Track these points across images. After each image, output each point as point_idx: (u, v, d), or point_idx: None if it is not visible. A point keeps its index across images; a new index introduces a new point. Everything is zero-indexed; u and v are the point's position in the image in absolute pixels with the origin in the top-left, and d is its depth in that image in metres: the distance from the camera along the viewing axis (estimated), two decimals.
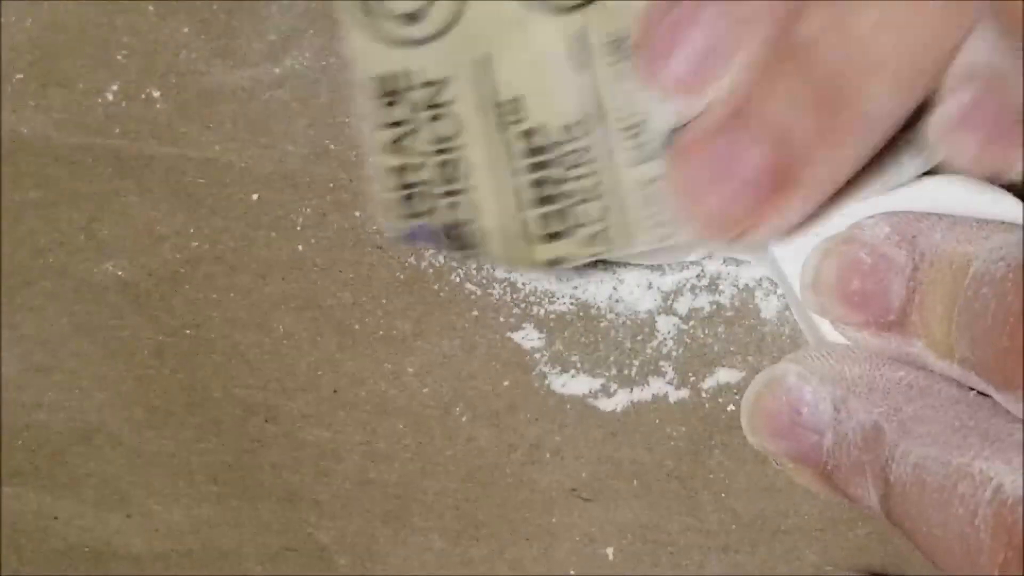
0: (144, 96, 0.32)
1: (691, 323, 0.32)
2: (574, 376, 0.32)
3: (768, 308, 0.32)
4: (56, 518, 0.34)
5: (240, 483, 0.33)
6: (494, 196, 0.28)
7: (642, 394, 0.32)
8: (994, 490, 0.23)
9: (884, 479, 0.26)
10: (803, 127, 0.25)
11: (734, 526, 0.32)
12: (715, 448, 0.32)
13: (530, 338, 0.32)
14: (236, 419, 0.33)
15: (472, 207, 0.28)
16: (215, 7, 0.32)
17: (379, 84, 0.28)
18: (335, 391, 0.33)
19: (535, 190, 0.28)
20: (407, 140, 0.28)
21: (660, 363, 0.32)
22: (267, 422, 0.33)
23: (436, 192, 0.28)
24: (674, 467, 0.33)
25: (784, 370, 0.29)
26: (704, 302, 0.32)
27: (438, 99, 0.28)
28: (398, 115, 0.28)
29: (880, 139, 0.26)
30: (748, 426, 0.29)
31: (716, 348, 0.32)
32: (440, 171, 0.28)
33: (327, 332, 0.33)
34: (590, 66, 0.28)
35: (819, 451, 0.28)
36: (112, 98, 0.32)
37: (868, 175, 0.28)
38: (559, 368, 0.32)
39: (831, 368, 0.28)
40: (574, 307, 0.32)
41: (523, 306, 0.32)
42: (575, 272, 0.32)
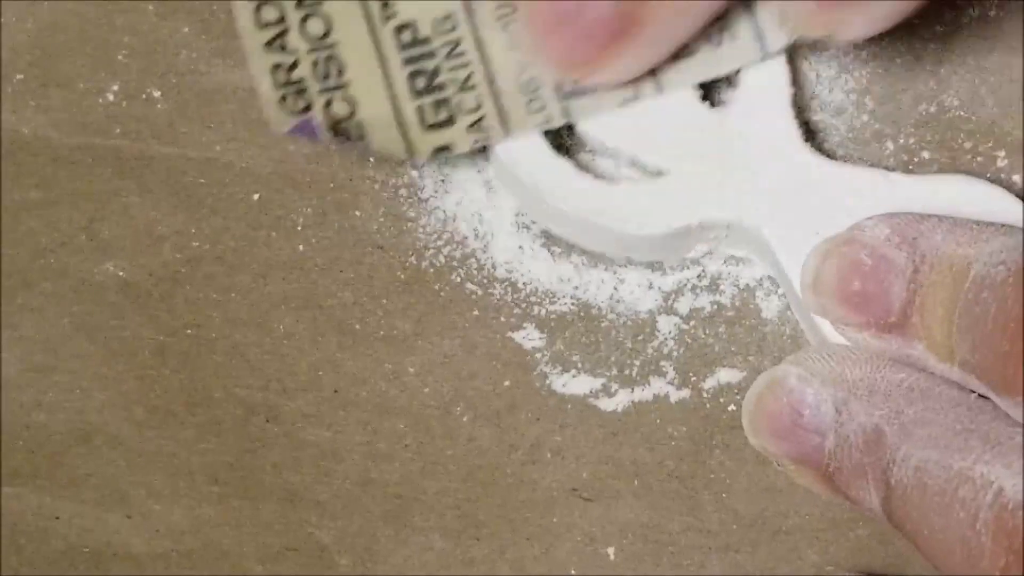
0: (144, 96, 0.32)
1: (692, 323, 0.32)
2: (575, 376, 0.32)
3: (769, 308, 0.32)
4: (56, 518, 0.34)
5: (241, 483, 0.33)
6: (373, 90, 0.29)
7: (643, 394, 0.32)
8: (995, 494, 0.23)
9: (885, 482, 0.26)
10: None
11: (735, 526, 0.33)
12: (716, 448, 0.32)
13: (531, 338, 0.32)
14: (237, 419, 0.33)
15: (351, 101, 0.29)
16: (215, 7, 0.32)
17: None
18: (336, 391, 0.33)
19: (413, 82, 0.29)
20: (282, 39, 0.29)
21: (661, 363, 0.32)
22: (268, 422, 0.33)
23: (314, 88, 0.29)
24: (675, 467, 0.33)
25: (785, 372, 0.29)
26: (705, 302, 0.32)
27: (313, 0, 0.29)
28: (272, 15, 0.29)
29: None
30: (749, 427, 0.29)
31: (717, 348, 0.32)
32: (315, 68, 0.29)
33: (328, 332, 0.33)
34: None
35: (820, 453, 0.28)
36: (112, 98, 0.32)
37: (732, 44, 0.29)
38: (560, 368, 0.32)
39: (832, 370, 0.28)
40: (575, 307, 0.32)
41: (524, 306, 0.32)
42: (576, 273, 0.32)
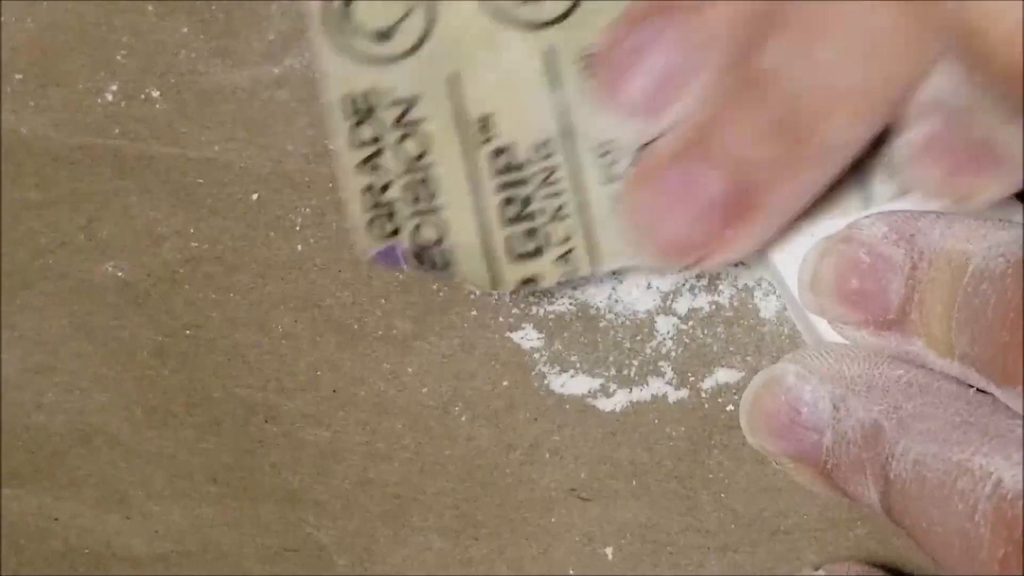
0: (144, 96, 0.32)
1: (690, 323, 0.32)
2: (573, 376, 0.32)
3: (767, 308, 0.32)
4: (56, 519, 0.34)
5: (240, 483, 0.33)
6: (463, 215, 0.28)
7: (641, 394, 0.32)
8: (994, 485, 0.23)
9: (884, 477, 0.26)
10: (762, 156, 0.25)
11: (733, 526, 0.33)
12: (714, 448, 0.32)
13: (529, 338, 0.32)
14: (236, 419, 0.33)
15: (441, 226, 0.28)
16: (215, 7, 0.32)
17: (349, 103, 0.28)
18: (334, 391, 0.33)
19: (504, 209, 0.28)
20: (377, 159, 0.28)
21: (659, 363, 0.32)
22: (267, 422, 0.33)
23: (405, 212, 0.28)
24: (673, 467, 0.33)
25: (783, 370, 0.29)
26: (703, 302, 0.32)
27: (408, 118, 0.28)
28: (368, 134, 0.28)
29: (839, 168, 0.26)
30: (747, 426, 0.29)
31: (715, 348, 0.32)
32: (409, 191, 0.28)
33: (327, 332, 0.33)
34: (560, 83, 0.28)
35: (819, 450, 0.28)
36: (112, 98, 0.32)
37: (837, 197, 0.28)
38: (558, 368, 0.32)
39: (830, 367, 0.28)
40: (573, 307, 0.32)
41: (522, 306, 0.32)
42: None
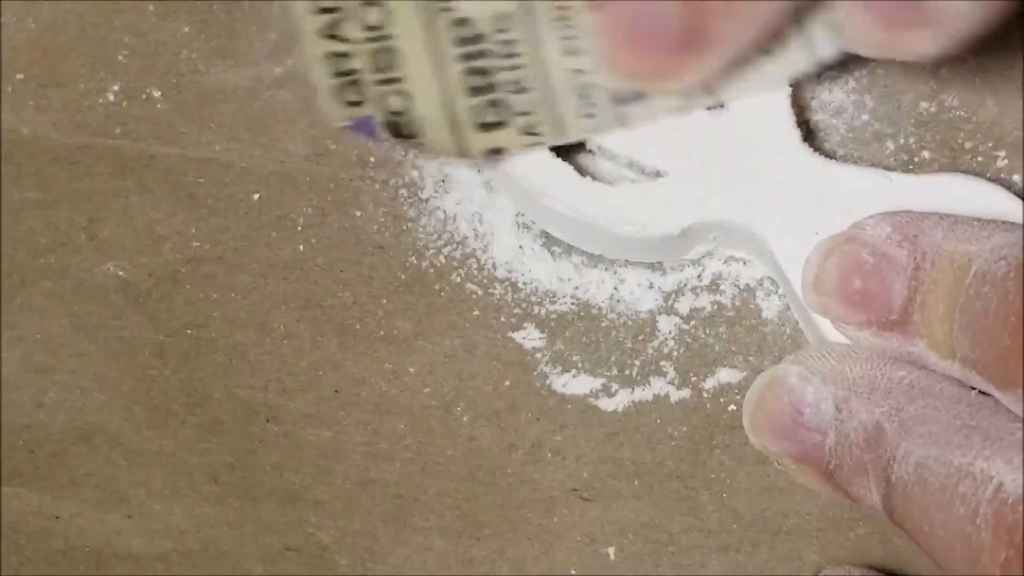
0: (144, 96, 0.32)
1: (692, 323, 0.32)
2: (575, 376, 0.32)
3: (769, 308, 0.32)
4: (56, 518, 0.34)
5: (241, 483, 0.33)
6: (428, 85, 0.28)
7: (643, 394, 0.32)
8: (995, 489, 0.23)
9: (886, 479, 0.26)
10: None
11: (735, 526, 0.32)
12: (716, 448, 0.32)
13: (531, 338, 0.32)
14: (237, 419, 0.33)
15: (406, 96, 0.28)
16: (215, 7, 0.32)
17: None
18: (336, 391, 0.33)
19: (467, 80, 0.28)
20: (338, 27, 0.28)
21: (661, 363, 0.32)
22: (268, 422, 0.33)
23: (369, 80, 0.28)
24: (675, 467, 0.33)
25: (786, 371, 0.29)
26: (705, 302, 0.32)
27: None
28: (328, 2, 0.28)
29: (780, 6, 0.27)
30: (750, 426, 0.29)
31: (717, 348, 0.32)
32: (372, 59, 0.28)
33: (328, 332, 0.33)
34: None
35: (821, 451, 0.28)
36: (112, 98, 0.32)
37: (778, 52, 0.29)
38: (560, 368, 0.32)
39: (832, 368, 0.28)
40: (575, 307, 0.32)
41: (524, 306, 0.32)
42: (576, 273, 0.32)
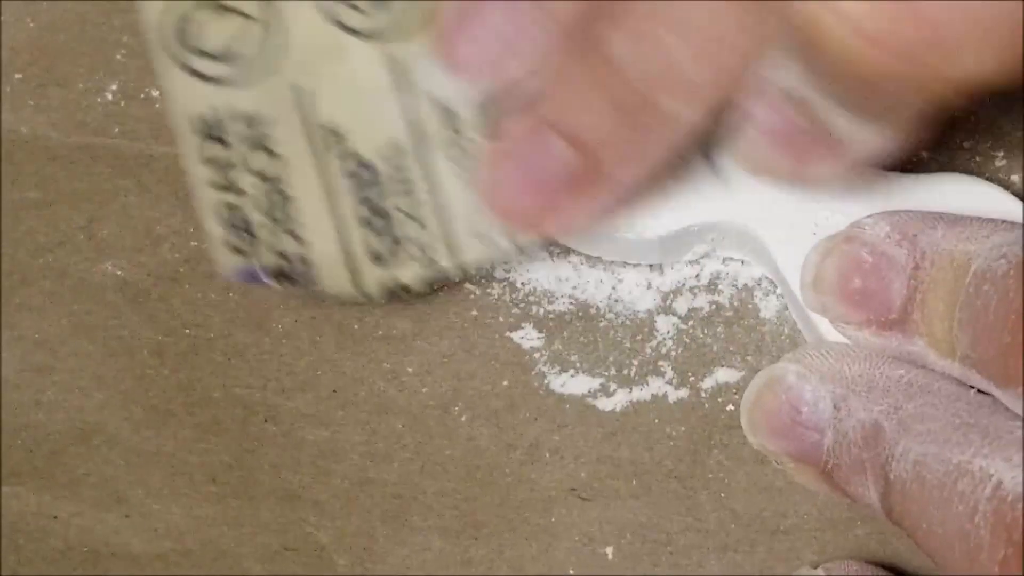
0: (143, 95, 0.32)
1: (690, 323, 0.32)
2: (573, 376, 0.32)
3: (767, 308, 0.32)
4: (55, 518, 0.34)
5: (239, 483, 0.33)
6: (321, 226, 0.28)
7: (641, 394, 0.32)
8: (994, 487, 0.23)
9: (884, 477, 0.26)
10: (604, 131, 0.26)
11: (733, 526, 0.33)
12: (714, 448, 0.32)
13: (529, 338, 0.32)
14: (235, 419, 0.33)
15: (301, 244, 0.28)
16: None
17: (196, 120, 0.27)
18: (334, 391, 0.33)
19: (366, 221, 0.28)
20: (234, 181, 0.28)
21: (659, 363, 0.32)
22: (266, 422, 0.33)
23: (265, 231, 0.28)
24: (673, 467, 0.33)
25: (784, 369, 0.29)
26: (703, 302, 0.32)
27: (264, 139, 0.28)
28: (217, 151, 0.27)
29: (679, 146, 0.27)
30: (748, 425, 0.29)
31: (715, 348, 0.32)
32: (264, 206, 0.28)
33: (326, 332, 0.33)
34: (405, 89, 0.28)
35: (819, 450, 0.28)
36: (111, 97, 0.32)
37: (690, 173, 0.29)
38: (558, 368, 0.32)
39: (831, 367, 0.28)
40: (573, 307, 0.32)
41: (522, 306, 0.32)
42: (574, 273, 0.32)
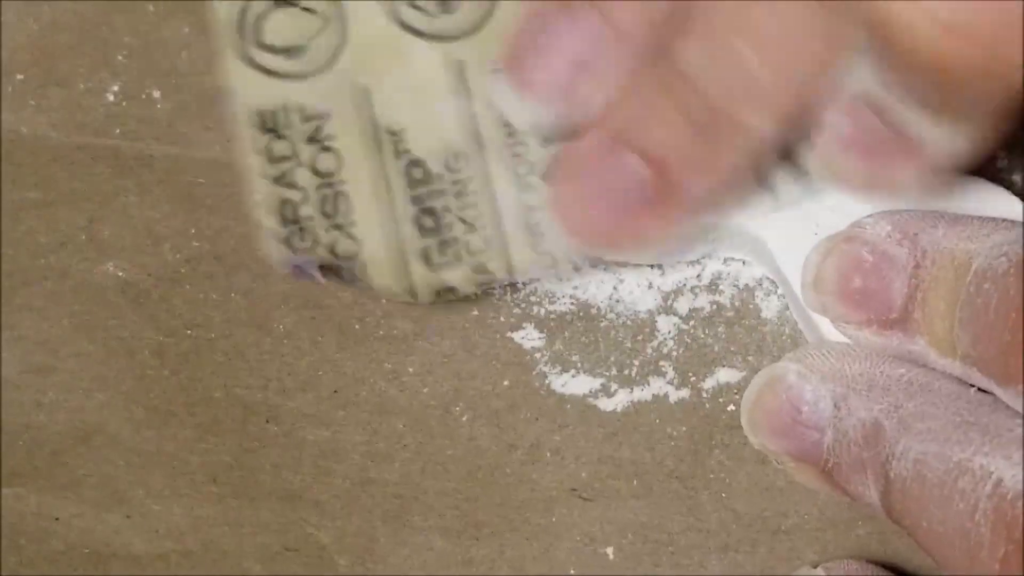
0: (144, 96, 0.32)
1: (691, 323, 0.32)
2: (574, 376, 0.32)
3: (769, 308, 0.32)
4: (56, 518, 0.34)
5: (240, 483, 0.33)
6: (376, 229, 0.28)
7: (642, 394, 0.32)
8: (994, 485, 0.23)
9: (884, 476, 0.26)
10: (683, 152, 0.26)
11: (734, 526, 0.32)
12: (715, 448, 0.32)
13: (530, 338, 0.32)
14: (236, 419, 0.33)
15: (353, 242, 0.28)
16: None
17: (261, 118, 0.28)
18: (335, 391, 0.33)
19: (419, 221, 0.28)
20: (289, 175, 0.28)
21: (660, 363, 0.32)
22: (267, 422, 0.33)
23: (319, 227, 0.28)
24: (674, 467, 0.33)
25: (784, 368, 0.29)
26: (704, 302, 0.32)
27: (319, 134, 0.28)
28: (281, 149, 0.28)
29: (757, 162, 0.27)
30: (748, 425, 0.29)
31: (716, 348, 0.32)
32: (322, 206, 0.28)
33: (327, 332, 0.33)
34: (470, 94, 0.28)
35: (819, 449, 0.28)
36: (112, 98, 0.32)
37: (752, 192, 0.28)
38: (559, 368, 0.32)
39: (831, 366, 0.28)
40: (574, 307, 0.32)
41: (523, 306, 0.32)
42: (576, 276, 0.32)
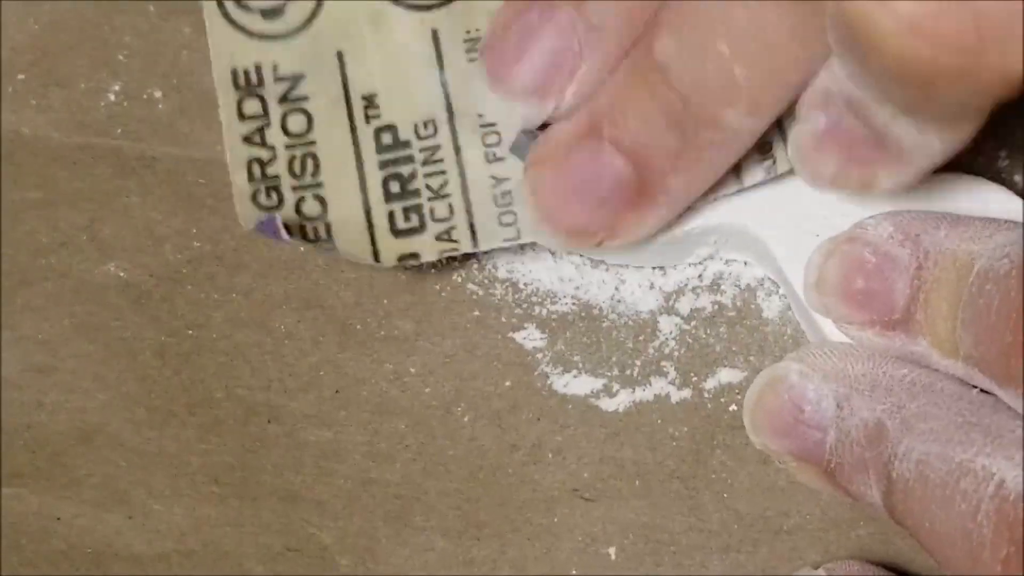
0: (145, 96, 0.32)
1: (693, 323, 0.32)
2: (576, 376, 0.32)
3: (770, 308, 0.32)
4: (57, 518, 0.34)
5: (241, 483, 0.33)
6: (346, 191, 0.28)
7: (644, 394, 0.32)
8: (996, 486, 0.23)
9: (887, 476, 0.26)
10: (659, 146, 0.26)
11: (736, 526, 0.32)
12: (717, 448, 0.32)
13: (532, 338, 0.32)
14: (237, 419, 0.33)
15: (319, 203, 0.28)
16: None
17: (237, 75, 0.28)
18: (337, 391, 0.33)
19: (387, 186, 0.28)
20: (262, 133, 0.28)
21: (662, 363, 0.32)
22: (269, 422, 0.33)
23: (285, 186, 0.28)
24: (676, 467, 0.33)
25: (786, 368, 0.29)
26: (706, 302, 0.32)
27: (294, 94, 0.28)
28: (254, 108, 0.28)
29: (734, 157, 0.27)
30: (751, 425, 0.29)
31: (718, 348, 0.32)
32: (290, 165, 0.28)
33: (329, 332, 0.33)
34: (445, 64, 0.28)
35: (822, 449, 0.28)
36: (113, 98, 0.32)
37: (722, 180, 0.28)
38: (561, 368, 0.32)
39: (834, 366, 0.28)
40: (576, 307, 0.32)
41: (525, 306, 0.32)
42: (577, 274, 0.32)
